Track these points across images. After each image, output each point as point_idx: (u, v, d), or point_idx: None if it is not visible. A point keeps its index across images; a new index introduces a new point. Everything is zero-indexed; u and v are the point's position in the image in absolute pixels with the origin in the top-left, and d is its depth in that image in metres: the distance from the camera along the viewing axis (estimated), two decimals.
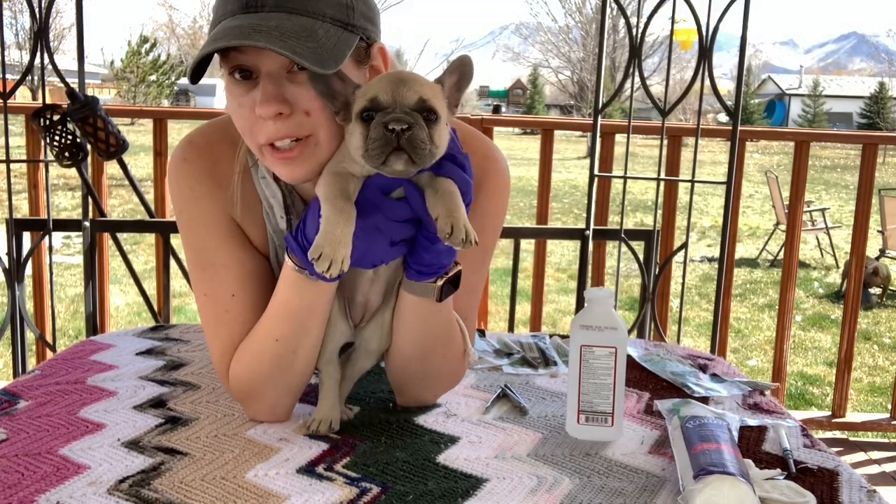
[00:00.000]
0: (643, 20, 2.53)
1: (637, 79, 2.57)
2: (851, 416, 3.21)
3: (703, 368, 1.42)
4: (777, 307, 3.09)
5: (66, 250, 7.41)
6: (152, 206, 2.76)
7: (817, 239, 9.11)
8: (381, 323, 1.10)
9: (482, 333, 1.57)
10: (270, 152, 1.00)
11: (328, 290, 1.03)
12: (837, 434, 3.22)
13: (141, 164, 11.84)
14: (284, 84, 0.96)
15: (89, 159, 2.51)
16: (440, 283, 1.02)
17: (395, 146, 0.87)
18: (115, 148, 2.35)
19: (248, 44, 0.90)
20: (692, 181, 2.53)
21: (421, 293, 1.03)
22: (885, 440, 3.25)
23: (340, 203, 0.91)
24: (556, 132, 3.13)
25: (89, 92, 2.39)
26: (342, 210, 0.91)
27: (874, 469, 2.94)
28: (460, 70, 0.95)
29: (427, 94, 0.90)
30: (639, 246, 2.59)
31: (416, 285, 1.03)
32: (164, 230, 2.46)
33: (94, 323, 2.53)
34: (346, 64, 0.98)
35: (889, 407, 3.25)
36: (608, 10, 2.68)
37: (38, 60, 2.41)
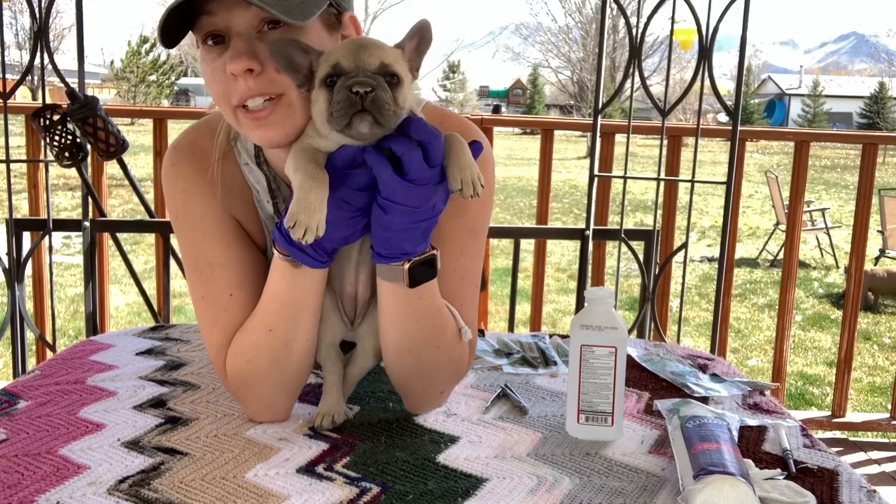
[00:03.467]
0: (643, 20, 2.53)
1: (637, 79, 2.57)
2: (851, 416, 3.21)
3: (703, 368, 1.42)
4: (777, 307, 3.09)
5: (66, 250, 7.41)
6: (152, 206, 2.76)
7: (817, 239, 9.11)
8: (375, 320, 1.10)
9: (482, 333, 1.57)
10: (244, 115, 1.00)
11: (317, 278, 1.02)
12: (837, 434, 3.22)
13: (141, 164, 11.85)
14: (255, 42, 0.97)
15: (89, 159, 2.51)
16: (407, 265, 0.97)
17: (359, 108, 0.88)
18: (115, 148, 2.35)
19: None
20: (692, 181, 2.53)
21: (391, 278, 0.99)
22: (885, 440, 3.25)
23: (311, 169, 0.91)
24: (556, 132, 3.13)
25: (89, 92, 2.39)
26: (314, 176, 0.91)
27: (874, 469, 2.94)
28: (420, 34, 0.96)
29: (388, 59, 0.91)
30: (639, 246, 2.59)
31: (385, 269, 0.99)
32: (164, 230, 2.46)
33: (94, 323, 2.53)
34: (317, 28, 0.99)
35: (889, 407, 3.25)
36: (608, 10, 2.68)
37: (38, 60, 2.41)
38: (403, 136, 0.91)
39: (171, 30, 0.97)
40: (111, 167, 2.89)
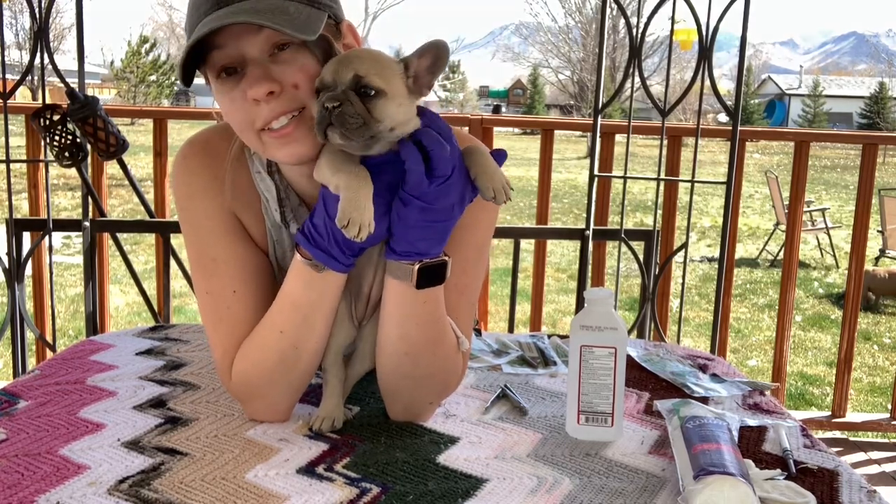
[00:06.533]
0: (643, 20, 2.53)
1: (637, 79, 2.57)
2: (851, 416, 3.21)
3: (703, 368, 1.42)
4: (777, 307, 3.09)
5: (66, 250, 7.41)
6: (152, 207, 2.76)
7: (817, 239, 9.11)
8: (377, 323, 1.10)
9: (478, 333, 1.57)
10: (269, 136, 1.02)
11: (336, 282, 1.02)
12: (837, 434, 3.22)
13: (141, 164, 11.85)
14: (269, 66, 1.00)
15: (89, 159, 2.51)
16: (417, 265, 0.98)
17: (328, 122, 0.91)
18: (115, 148, 2.35)
19: (230, 22, 0.93)
20: (692, 181, 2.53)
21: (399, 276, 1.00)
22: (885, 440, 3.25)
23: (353, 168, 0.93)
24: (556, 132, 3.13)
25: (89, 92, 2.38)
26: (358, 174, 0.92)
27: (874, 469, 2.94)
28: (435, 54, 0.95)
29: (364, 71, 0.92)
30: (639, 246, 2.59)
31: (395, 266, 1.00)
32: (164, 230, 2.46)
33: (94, 323, 2.53)
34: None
35: (889, 407, 3.25)
36: (608, 10, 2.68)
37: (38, 60, 2.41)
38: (433, 133, 0.93)
39: (187, 68, 1.01)
40: (111, 167, 2.89)
